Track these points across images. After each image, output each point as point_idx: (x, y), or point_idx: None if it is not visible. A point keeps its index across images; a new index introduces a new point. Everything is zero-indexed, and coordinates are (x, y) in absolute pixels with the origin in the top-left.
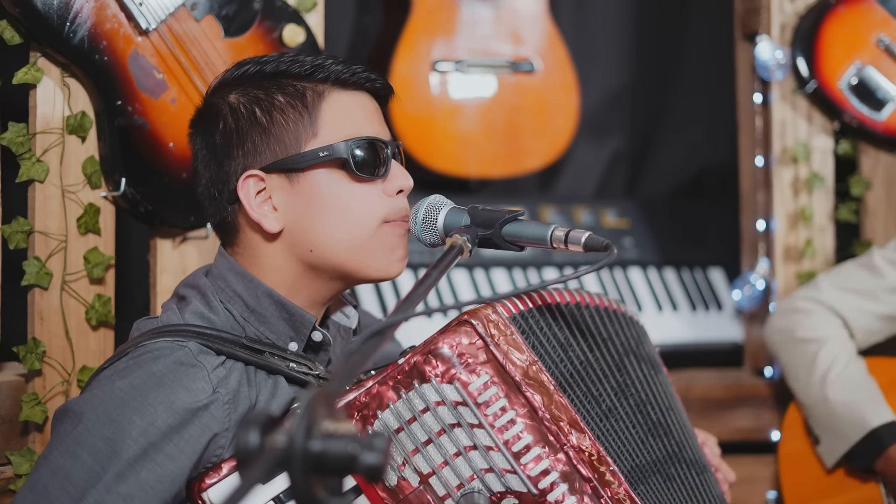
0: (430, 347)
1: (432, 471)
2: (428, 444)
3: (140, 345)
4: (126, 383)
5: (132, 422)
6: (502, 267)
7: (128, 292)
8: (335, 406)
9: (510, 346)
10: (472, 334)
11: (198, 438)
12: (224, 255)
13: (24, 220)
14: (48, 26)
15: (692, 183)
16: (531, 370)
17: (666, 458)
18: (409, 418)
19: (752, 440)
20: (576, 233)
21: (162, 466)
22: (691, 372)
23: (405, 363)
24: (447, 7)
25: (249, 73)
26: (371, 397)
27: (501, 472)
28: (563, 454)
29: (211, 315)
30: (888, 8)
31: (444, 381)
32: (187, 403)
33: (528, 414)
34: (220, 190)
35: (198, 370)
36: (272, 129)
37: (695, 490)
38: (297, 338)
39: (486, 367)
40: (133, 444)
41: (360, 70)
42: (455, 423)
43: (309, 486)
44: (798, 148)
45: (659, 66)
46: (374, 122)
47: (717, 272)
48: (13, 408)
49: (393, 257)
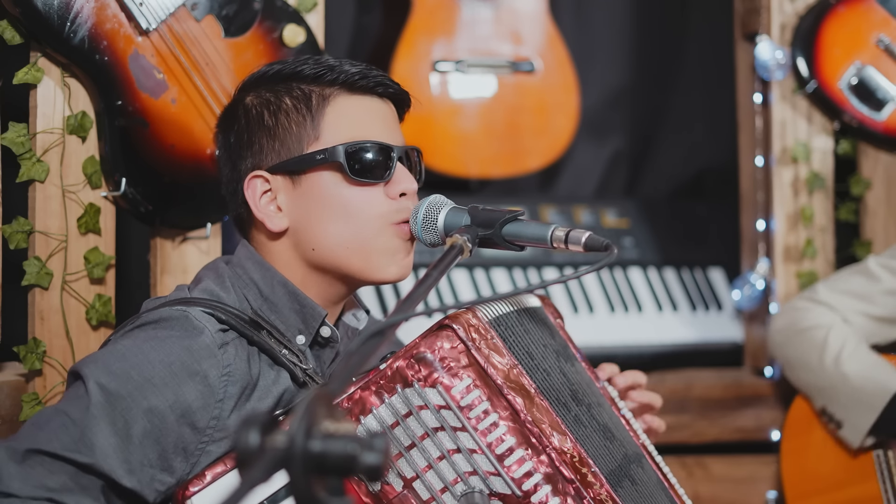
0: (413, 352)
1: (416, 475)
2: (411, 448)
3: (145, 312)
4: (128, 341)
5: (129, 376)
6: (502, 267)
7: (128, 292)
8: (335, 406)
9: (491, 350)
10: (453, 338)
11: (192, 402)
12: (245, 245)
13: (25, 220)
14: (48, 26)
15: (692, 183)
16: (512, 373)
17: (624, 460)
18: (392, 423)
19: (753, 440)
20: (576, 233)
21: (153, 424)
22: (691, 372)
23: (387, 368)
24: (447, 7)
25: (268, 75)
26: (354, 402)
27: (485, 474)
28: (546, 456)
29: (221, 293)
30: (888, 8)
31: (426, 385)
32: (186, 362)
33: (511, 417)
34: (234, 189)
35: (199, 331)
36: (277, 132)
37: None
38: (305, 330)
39: (467, 370)
40: (128, 396)
41: (373, 75)
42: (438, 427)
43: (309, 487)
44: (798, 148)
45: (659, 66)
46: (382, 126)
47: (717, 272)
48: (13, 408)
49: (394, 260)
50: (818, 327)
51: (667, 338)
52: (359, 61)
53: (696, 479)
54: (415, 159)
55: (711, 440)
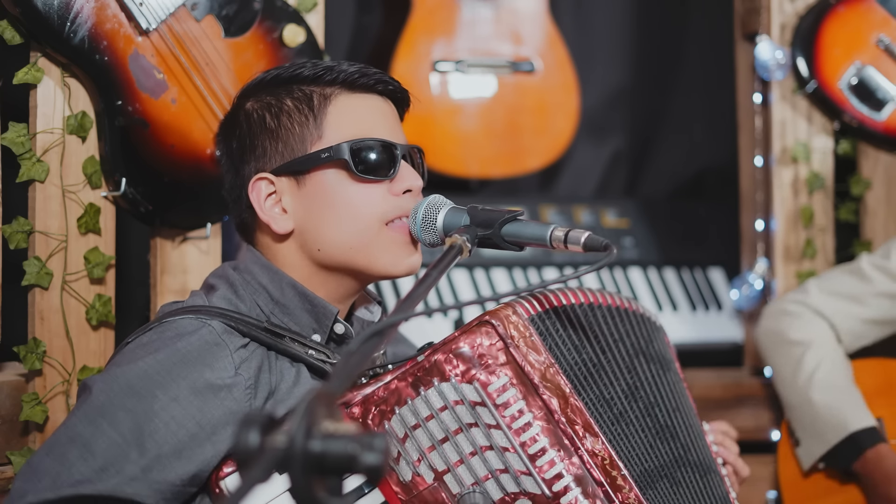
0: (451, 346)
1: (447, 468)
2: (444, 441)
3: (164, 321)
4: (151, 358)
5: (155, 396)
6: (502, 267)
7: (128, 292)
8: (335, 406)
9: (529, 348)
10: (492, 335)
11: (219, 418)
12: (250, 249)
13: (25, 220)
14: (48, 26)
15: (692, 183)
16: (548, 372)
17: (673, 462)
18: (427, 416)
19: (752, 440)
20: (575, 233)
21: (182, 442)
22: (691, 372)
23: (425, 360)
24: (447, 7)
25: (267, 80)
26: (389, 392)
27: (517, 473)
28: (578, 458)
29: (238, 302)
30: (888, 8)
31: (463, 381)
32: (210, 381)
33: (545, 417)
34: (238, 194)
35: (221, 348)
36: (280, 133)
37: (699, 493)
38: (319, 329)
39: (505, 368)
40: (155, 417)
41: (372, 73)
42: (472, 423)
43: (309, 487)
44: (798, 148)
45: (659, 66)
46: (384, 124)
47: (717, 272)
48: (13, 408)
49: (399, 255)
50: (799, 344)
51: None
52: (359, 61)
53: None
54: (417, 158)
55: None
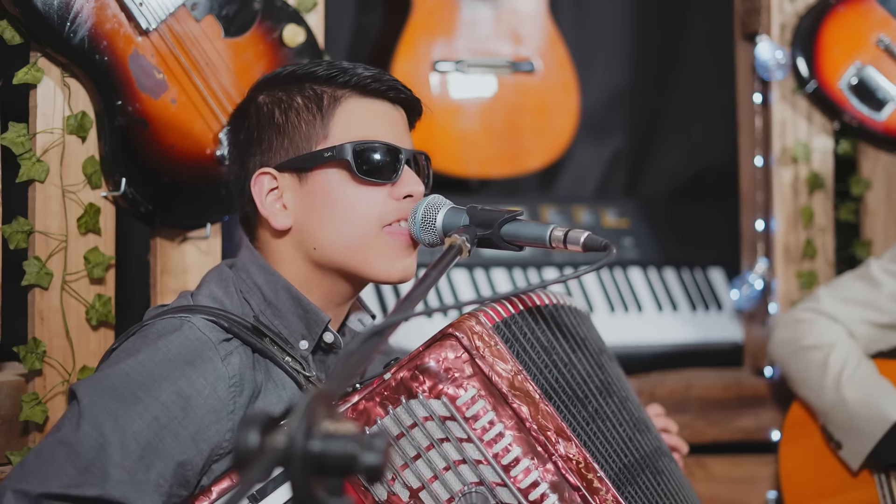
0: (417, 363)
1: (422, 485)
2: (417, 458)
3: (146, 323)
4: (132, 360)
5: (137, 397)
6: (502, 267)
7: (128, 292)
8: (335, 406)
9: (495, 358)
10: (457, 348)
11: (202, 416)
12: (249, 248)
13: (25, 220)
14: (48, 26)
15: (692, 183)
16: (517, 380)
17: (652, 452)
18: (398, 434)
19: (752, 440)
20: (574, 233)
21: (164, 442)
22: (691, 372)
23: (391, 378)
24: (447, 7)
25: (282, 75)
26: (358, 413)
27: (492, 484)
28: (552, 464)
29: (224, 299)
30: (888, 8)
31: (431, 397)
32: (192, 378)
33: (516, 426)
34: (241, 186)
35: (203, 344)
36: (287, 129)
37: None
38: (308, 336)
39: (472, 380)
40: (137, 418)
41: (386, 79)
42: (444, 438)
43: (309, 487)
44: (798, 148)
45: (659, 66)
46: (391, 129)
47: (717, 272)
48: (13, 408)
49: (395, 260)
50: (820, 347)
51: (667, 338)
52: (359, 61)
53: (696, 479)
54: (423, 164)
55: (711, 440)
